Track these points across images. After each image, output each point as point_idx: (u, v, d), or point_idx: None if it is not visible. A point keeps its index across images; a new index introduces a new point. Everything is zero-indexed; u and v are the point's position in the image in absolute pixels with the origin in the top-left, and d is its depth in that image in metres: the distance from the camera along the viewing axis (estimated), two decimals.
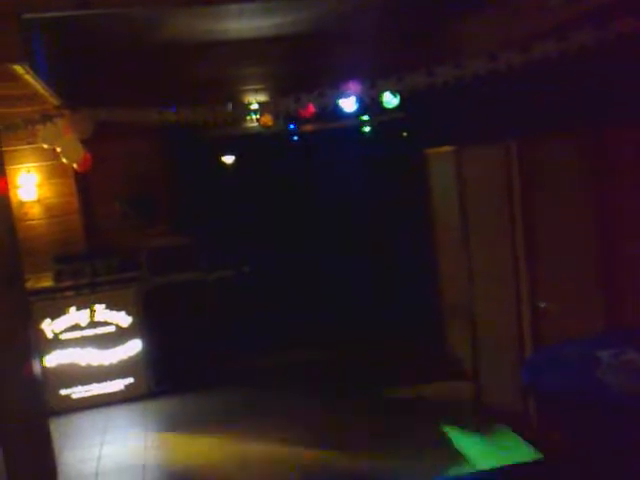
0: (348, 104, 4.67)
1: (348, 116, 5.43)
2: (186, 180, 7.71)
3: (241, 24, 6.16)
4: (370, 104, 4.59)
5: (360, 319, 7.61)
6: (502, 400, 5.17)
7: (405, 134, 7.51)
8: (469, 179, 5.34)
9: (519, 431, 4.84)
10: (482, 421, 5.17)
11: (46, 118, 6.38)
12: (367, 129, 7.77)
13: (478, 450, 4.73)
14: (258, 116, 5.59)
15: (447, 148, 5.62)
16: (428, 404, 5.71)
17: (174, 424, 5.98)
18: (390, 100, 4.42)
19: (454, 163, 5.49)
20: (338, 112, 5.05)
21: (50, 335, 6.42)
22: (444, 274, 6.06)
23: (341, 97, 4.72)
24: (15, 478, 3.72)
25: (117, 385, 6.58)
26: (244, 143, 7.84)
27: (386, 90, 4.37)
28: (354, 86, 4.63)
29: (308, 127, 7.27)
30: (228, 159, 8.14)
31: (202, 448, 5.37)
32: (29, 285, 6.20)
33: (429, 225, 6.12)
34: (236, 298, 7.27)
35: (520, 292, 4.85)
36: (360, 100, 4.69)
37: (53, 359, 6.43)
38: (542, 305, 4.62)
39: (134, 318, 6.59)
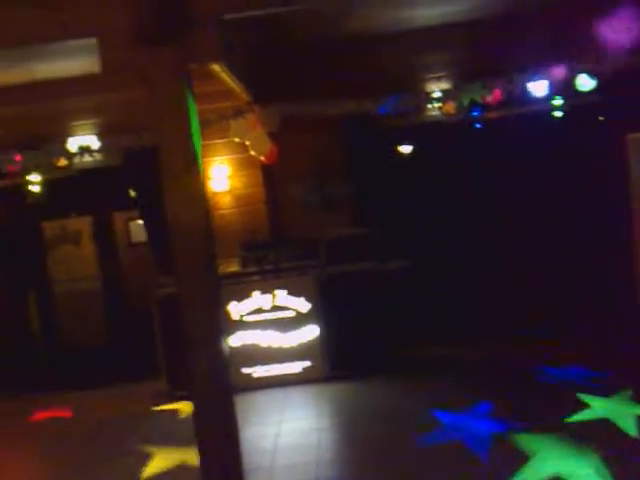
0: (538, 88, 4.44)
1: (537, 101, 5.15)
2: (365, 171, 7.78)
3: (429, 11, 6.04)
4: (563, 87, 4.32)
5: (540, 314, 7.22)
6: None
7: (602, 118, 6.92)
8: None
9: None
10: None
11: (237, 113, 6.82)
12: (558, 114, 7.25)
13: None
14: (440, 104, 5.51)
15: None
16: None
17: (347, 409, 6.10)
18: (586, 82, 4.13)
19: None
20: (526, 97, 4.81)
21: (236, 316, 6.84)
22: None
23: (530, 81, 4.50)
24: (204, 447, 3.99)
25: (295, 367, 6.85)
26: (423, 132, 7.72)
27: (582, 72, 4.09)
28: (546, 69, 4.38)
29: (493, 114, 6.97)
30: (406, 149, 8.08)
31: (373, 435, 5.40)
32: (219, 270, 6.64)
33: (626, 216, 5.62)
34: (410, 288, 7.23)
35: None
36: (551, 83, 4.44)
37: (237, 339, 6.84)
38: None
39: (312, 304, 6.81)
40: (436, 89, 6.24)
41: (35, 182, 7.54)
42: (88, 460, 5.66)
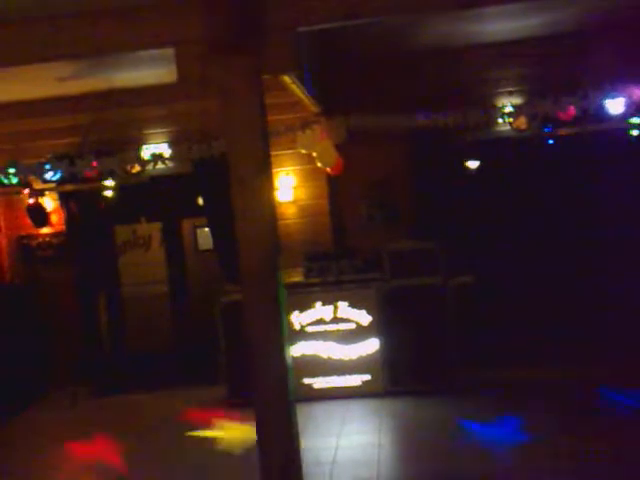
0: (615, 105, 4.32)
1: (613, 118, 4.99)
2: (430, 184, 7.71)
3: (500, 25, 5.98)
4: None
5: (613, 335, 6.96)
6: None
7: None
8: None
9: None
10: None
11: (305, 125, 6.89)
12: (636, 132, 7.00)
13: None
14: (511, 119, 5.41)
15: None
16: None
17: (407, 426, 6.03)
18: None
19: None
20: (602, 114, 4.67)
21: (297, 326, 6.86)
22: None
23: (607, 98, 4.38)
24: (265, 455, 4.02)
25: (354, 380, 6.82)
26: (491, 147, 7.60)
27: None
28: (623, 86, 4.25)
29: (565, 130, 6.79)
30: (473, 164, 7.95)
31: (435, 453, 5.29)
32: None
33: None
34: (475, 304, 7.10)
35: None
36: (630, 101, 4.30)
37: (298, 349, 6.85)
38: None
39: (373, 317, 6.77)
40: (507, 104, 6.13)
41: (109, 187, 7.80)
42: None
